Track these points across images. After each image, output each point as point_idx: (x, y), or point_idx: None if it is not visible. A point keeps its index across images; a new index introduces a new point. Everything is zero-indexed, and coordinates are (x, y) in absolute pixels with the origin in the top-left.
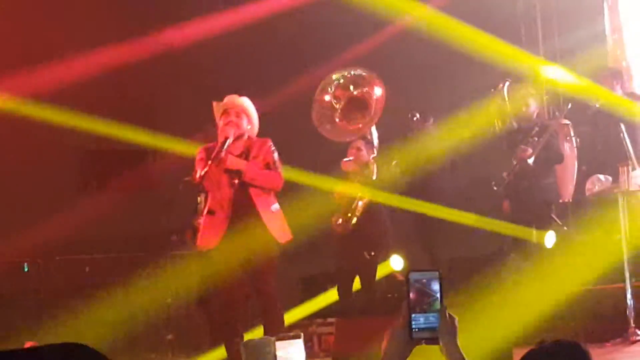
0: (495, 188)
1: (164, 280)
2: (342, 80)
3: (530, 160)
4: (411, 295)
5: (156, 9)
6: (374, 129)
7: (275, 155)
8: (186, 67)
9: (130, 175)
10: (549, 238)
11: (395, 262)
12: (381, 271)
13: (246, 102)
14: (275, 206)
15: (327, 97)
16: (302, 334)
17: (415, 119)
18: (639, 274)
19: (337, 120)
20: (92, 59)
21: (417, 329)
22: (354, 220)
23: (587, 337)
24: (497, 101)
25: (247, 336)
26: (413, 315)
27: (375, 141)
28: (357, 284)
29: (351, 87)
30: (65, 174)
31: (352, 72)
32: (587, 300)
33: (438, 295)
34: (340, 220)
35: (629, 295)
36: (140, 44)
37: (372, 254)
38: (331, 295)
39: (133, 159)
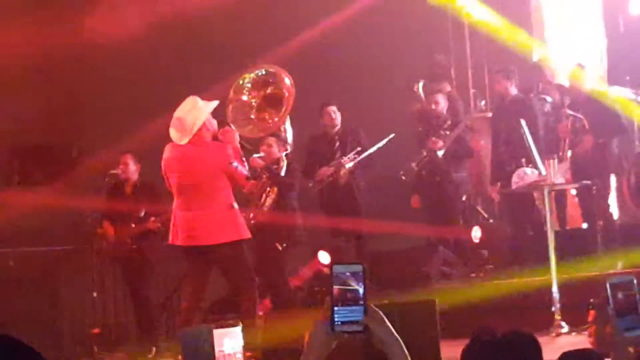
0: (403, 178)
1: (89, 273)
2: (252, 82)
3: (440, 153)
4: (334, 288)
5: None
6: (289, 126)
7: None
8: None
9: (54, 170)
10: (475, 232)
11: (323, 257)
12: (310, 265)
13: None
14: None
15: (244, 97)
16: (240, 323)
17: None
18: (565, 267)
19: (252, 117)
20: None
21: (339, 322)
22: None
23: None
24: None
25: None
26: (336, 308)
27: (290, 138)
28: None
29: (264, 86)
30: None
31: (261, 72)
32: (513, 292)
33: (361, 288)
34: (251, 215)
35: (554, 288)
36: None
37: (285, 245)
38: None
39: (56, 154)
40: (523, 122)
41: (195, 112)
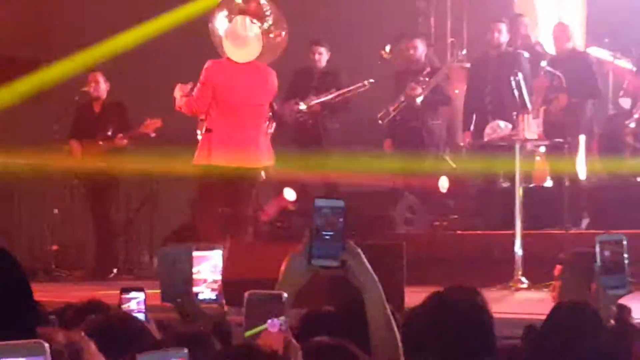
0: (380, 122)
1: (51, 190)
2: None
3: (419, 100)
4: (315, 221)
5: None
6: None
7: (200, 79)
8: None
9: (22, 83)
10: (443, 182)
11: (288, 193)
12: (275, 201)
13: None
14: (205, 130)
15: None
16: (222, 246)
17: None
18: (529, 222)
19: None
20: None
21: (316, 256)
22: None
23: (474, 281)
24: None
25: None
26: (314, 241)
27: None
28: None
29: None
30: None
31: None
32: (476, 243)
33: (341, 223)
34: None
35: (517, 243)
36: None
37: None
38: None
39: (24, 66)
40: (520, 76)
41: (255, 31)
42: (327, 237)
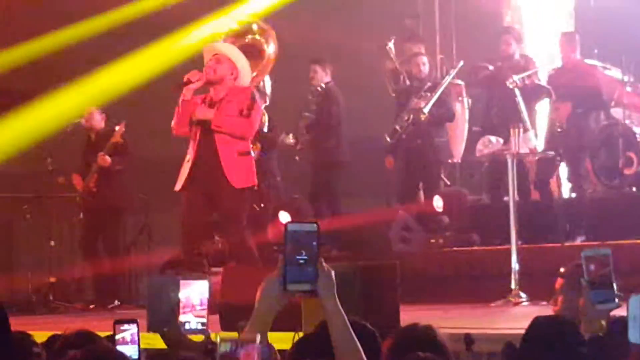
0: (388, 139)
1: (47, 222)
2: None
3: (426, 110)
4: (288, 246)
5: None
6: (267, 79)
7: (255, 103)
8: None
9: (16, 115)
10: (437, 202)
11: (283, 217)
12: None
13: (229, 48)
14: (244, 152)
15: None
16: (208, 276)
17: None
18: (525, 236)
19: None
20: None
21: (291, 281)
22: None
23: (471, 297)
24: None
25: None
26: (288, 267)
27: (268, 90)
28: None
29: (246, 35)
30: None
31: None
32: (472, 260)
33: (315, 247)
34: None
35: (514, 258)
36: None
37: (262, 205)
38: None
39: (19, 99)
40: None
41: None
42: (302, 261)
